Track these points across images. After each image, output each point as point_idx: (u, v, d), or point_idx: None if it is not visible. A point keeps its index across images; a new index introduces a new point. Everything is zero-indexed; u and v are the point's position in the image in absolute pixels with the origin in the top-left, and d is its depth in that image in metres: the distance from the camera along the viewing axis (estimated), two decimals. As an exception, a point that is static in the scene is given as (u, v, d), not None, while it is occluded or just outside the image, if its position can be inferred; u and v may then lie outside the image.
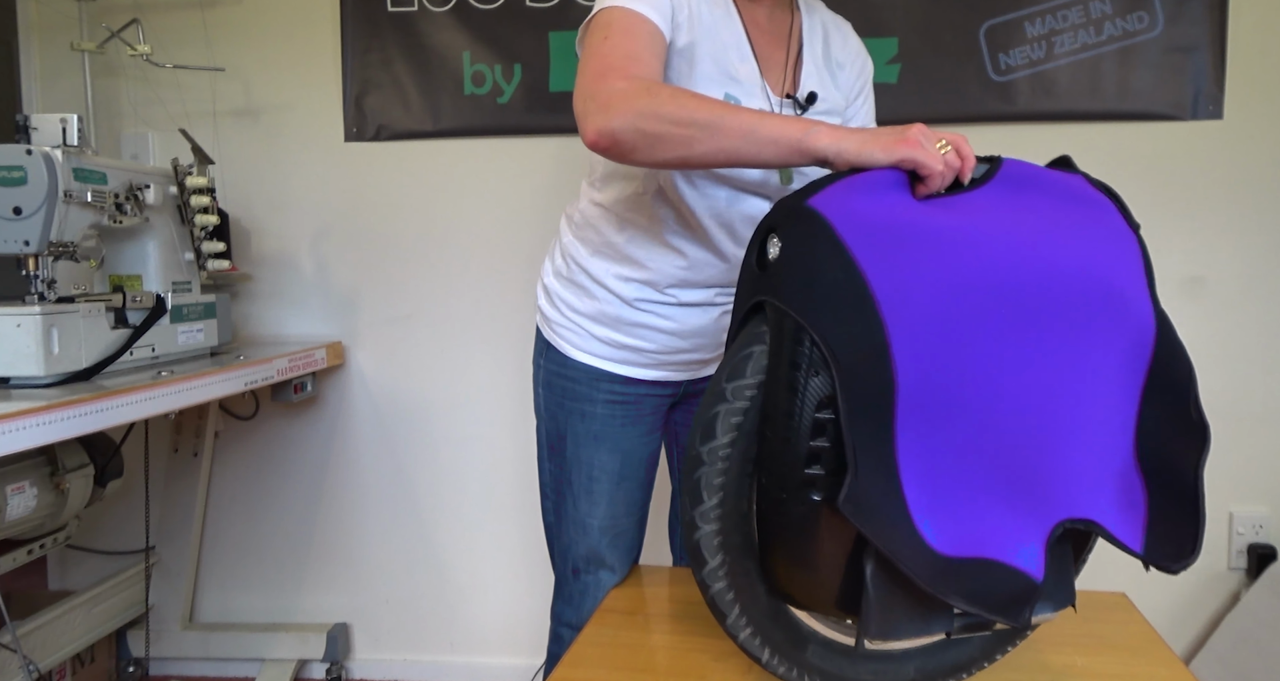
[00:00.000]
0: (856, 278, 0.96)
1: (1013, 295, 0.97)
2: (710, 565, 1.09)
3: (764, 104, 1.44)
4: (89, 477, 2.34)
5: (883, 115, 2.48)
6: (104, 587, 2.60)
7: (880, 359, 0.94)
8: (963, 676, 1.20)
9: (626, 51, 1.27)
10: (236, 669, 2.86)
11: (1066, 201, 1.09)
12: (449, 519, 2.83)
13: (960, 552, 0.95)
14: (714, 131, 1.16)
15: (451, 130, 2.68)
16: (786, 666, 1.13)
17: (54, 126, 1.95)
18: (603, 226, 1.58)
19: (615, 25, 1.30)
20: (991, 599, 0.95)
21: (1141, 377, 1.03)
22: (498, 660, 2.84)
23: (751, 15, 1.46)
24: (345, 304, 2.80)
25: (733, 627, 1.12)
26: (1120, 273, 1.03)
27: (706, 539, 1.08)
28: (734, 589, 1.10)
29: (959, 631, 1.02)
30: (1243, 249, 2.46)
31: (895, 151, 1.07)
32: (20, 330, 1.84)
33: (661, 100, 1.18)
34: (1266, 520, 2.50)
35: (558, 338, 1.63)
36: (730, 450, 1.05)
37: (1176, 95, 2.43)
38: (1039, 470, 0.97)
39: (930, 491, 0.95)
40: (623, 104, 1.19)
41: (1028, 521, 0.97)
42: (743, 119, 1.16)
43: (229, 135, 2.77)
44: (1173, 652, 1.30)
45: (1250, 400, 2.49)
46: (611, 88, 1.21)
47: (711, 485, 1.06)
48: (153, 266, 2.26)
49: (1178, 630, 2.57)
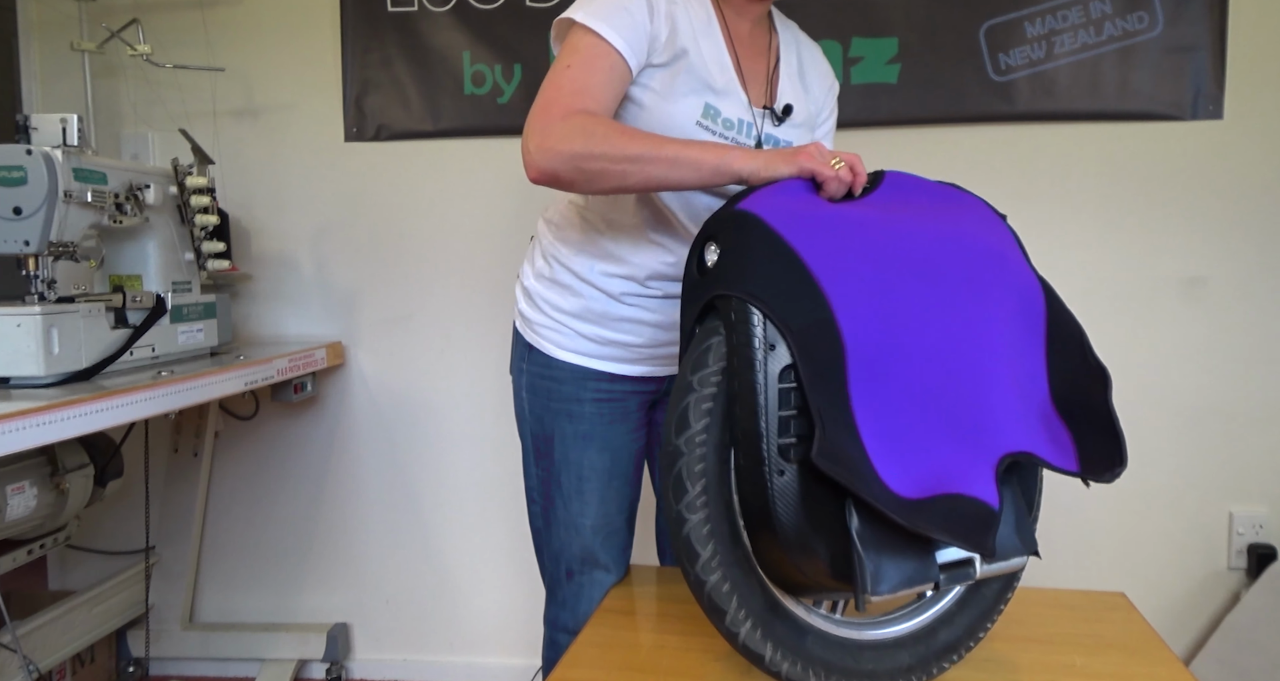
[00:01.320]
0: (794, 258, 1.08)
1: (919, 263, 1.12)
2: (703, 557, 1.10)
3: (743, 114, 1.48)
4: (89, 477, 2.34)
5: (883, 116, 2.50)
6: (104, 587, 2.61)
7: (828, 326, 1.05)
8: (954, 657, 1.20)
9: (579, 85, 1.35)
10: (236, 669, 2.87)
11: (943, 198, 1.27)
12: (449, 519, 2.83)
13: (922, 494, 1.03)
14: (645, 163, 1.28)
15: (452, 130, 2.68)
16: (790, 661, 1.12)
17: (54, 126, 1.95)
18: (585, 226, 1.60)
19: (580, 54, 1.37)
20: (960, 527, 1.01)
21: (1041, 334, 1.16)
22: (497, 660, 2.84)
23: (736, 30, 1.51)
24: (345, 304, 2.80)
25: (732, 624, 1.11)
26: (995, 244, 1.18)
27: (695, 529, 1.10)
28: (729, 580, 1.11)
29: (947, 580, 1.06)
30: (1242, 249, 2.46)
31: (796, 162, 1.24)
32: (20, 330, 1.84)
33: (596, 140, 1.29)
34: (1266, 520, 2.50)
35: (541, 339, 1.64)
36: (706, 436, 1.10)
37: (1176, 95, 2.43)
38: (975, 412, 1.08)
39: (886, 441, 1.04)
40: (562, 145, 1.30)
41: (975, 457, 1.06)
42: (669, 150, 1.28)
43: (229, 135, 2.77)
44: (1172, 652, 1.30)
45: (1249, 400, 2.49)
46: (553, 128, 1.31)
47: (693, 473, 1.10)
48: (153, 266, 2.26)
49: (1177, 630, 2.57)
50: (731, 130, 1.48)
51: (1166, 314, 2.50)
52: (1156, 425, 2.53)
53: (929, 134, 2.53)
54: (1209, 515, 2.54)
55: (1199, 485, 2.53)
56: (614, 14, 1.38)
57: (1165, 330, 2.50)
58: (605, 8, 1.38)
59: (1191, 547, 2.55)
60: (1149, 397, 2.52)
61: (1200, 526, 2.54)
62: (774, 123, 1.53)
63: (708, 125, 1.45)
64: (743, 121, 1.49)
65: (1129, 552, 2.57)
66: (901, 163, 2.52)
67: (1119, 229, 2.49)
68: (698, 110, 1.44)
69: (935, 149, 2.52)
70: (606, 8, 1.38)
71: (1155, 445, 2.53)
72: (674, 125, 1.43)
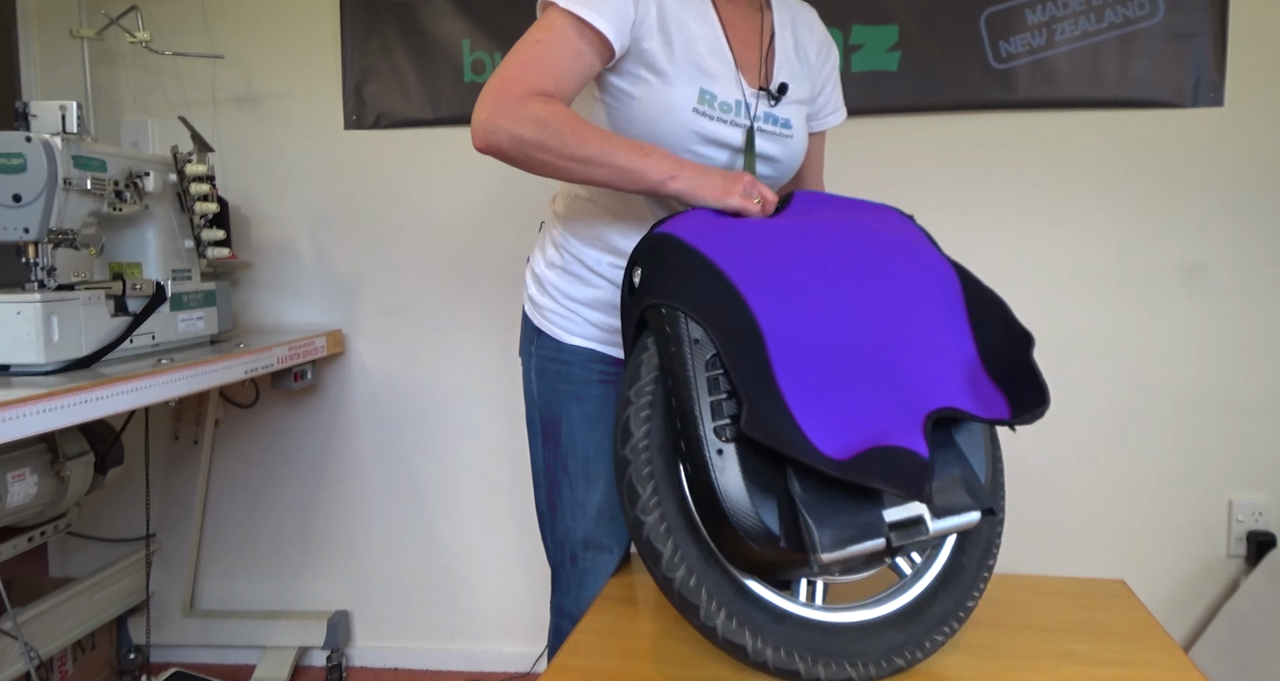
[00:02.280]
0: (708, 265, 1.18)
1: (829, 259, 1.21)
2: (665, 555, 1.12)
3: (740, 95, 1.49)
4: (89, 465, 2.34)
5: (883, 104, 2.49)
6: (105, 575, 2.61)
7: (745, 317, 1.13)
8: (945, 630, 1.19)
9: (545, 63, 1.36)
10: (237, 656, 2.87)
11: (848, 206, 1.37)
12: (449, 507, 2.83)
13: (853, 453, 1.07)
14: (593, 166, 1.33)
15: (452, 118, 2.67)
16: (774, 648, 1.12)
17: (53, 113, 1.95)
18: (591, 219, 1.61)
19: (551, 32, 1.37)
20: (892, 474, 1.05)
21: (962, 311, 1.23)
22: (497, 647, 2.84)
23: (727, 14, 1.51)
24: (345, 292, 2.80)
25: (706, 618, 1.11)
26: (901, 238, 1.27)
27: (653, 530, 1.12)
28: (694, 573, 1.12)
29: (898, 538, 1.07)
30: (1242, 237, 2.46)
31: (722, 201, 1.33)
32: (20, 317, 1.84)
33: (549, 133, 1.31)
34: (1266, 507, 2.51)
35: (550, 325, 1.67)
36: (649, 440, 1.15)
37: (1177, 82, 2.42)
38: (899, 380, 1.14)
39: (814, 412, 1.10)
40: (514, 127, 1.31)
41: (900, 415, 1.11)
42: (619, 157, 1.33)
43: (228, 123, 2.77)
44: (1171, 639, 1.30)
45: (1249, 387, 2.49)
46: (508, 106, 1.32)
47: (642, 477, 1.13)
48: (152, 254, 2.26)
49: (1177, 617, 2.58)
50: (729, 113, 1.48)
51: (1166, 302, 2.50)
52: (1156, 413, 2.53)
53: (929, 122, 2.52)
54: (1209, 502, 2.54)
55: (1199, 473, 2.53)
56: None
57: (1165, 318, 2.50)
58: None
59: (1191, 535, 2.55)
60: (1149, 385, 2.52)
61: (1200, 514, 2.54)
62: (770, 102, 1.53)
63: (704, 110, 1.46)
64: (739, 103, 1.49)
65: (1129, 540, 2.57)
66: (902, 150, 2.52)
67: (1119, 216, 2.49)
68: (694, 97, 1.44)
69: (935, 137, 2.52)
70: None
71: (1155, 433, 2.53)
72: (671, 113, 1.44)
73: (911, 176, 2.54)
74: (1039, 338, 2.50)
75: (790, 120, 1.56)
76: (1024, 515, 2.59)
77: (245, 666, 2.82)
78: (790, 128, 1.56)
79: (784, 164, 1.58)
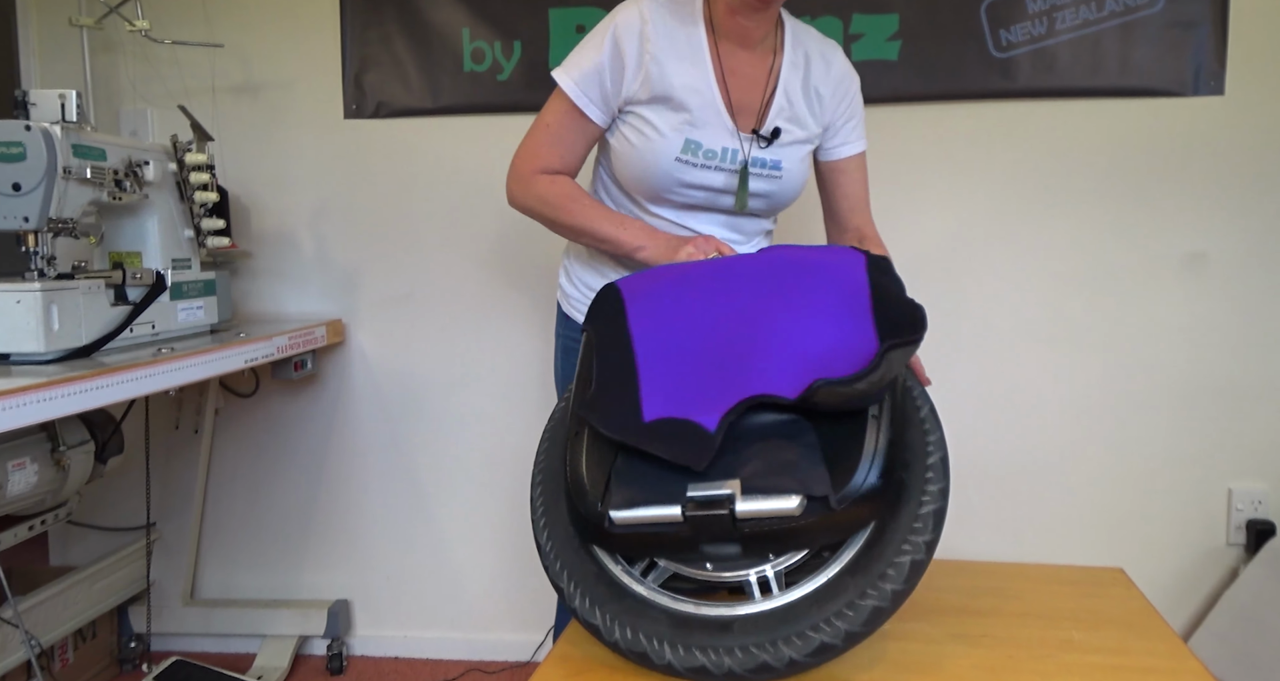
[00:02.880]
0: (618, 295, 1.39)
1: (732, 278, 1.37)
2: (545, 549, 1.26)
3: (729, 142, 1.68)
4: (90, 454, 2.34)
5: (883, 93, 2.49)
6: (105, 563, 2.62)
7: (622, 330, 1.34)
8: (818, 632, 1.11)
9: (553, 142, 1.71)
10: (238, 644, 2.88)
11: (809, 247, 1.44)
12: (449, 496, 2.84)
13: (660, 416, 1.22)
14: (580, 234, 1.71)
15: (451, 107, 2.67)
16: (623, 629, 1.16)
17: (53, 102, 1.95)
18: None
19: (556, 114, 1.71)
20: (675, 444, 1.17)
21: (867, 303, 1.28)
22: (497, 636, 2.85)
23: (731, 64, 1.68)
24: (345, 282, 2.80)
25: (570, 599, 1.21)
26: (832, 260, 1.35)
27: (539, 534, 1.28)
28: (561, 561, 1.23)
29: (693, 507, 1.12)
30: (1243, 225, 2.46)
31: (672, 261, 1.55)
32: (20, 306, 1.85)
33: (549, 208, 1.71)
34: (1265, 496, 2.51)
35: (574, 310, 1.86)
36: (546, 463, 1.36)
37: (1177, 71, 2.42)
38: (734, 374, 1.25)
39: (659, 397, 1.25)
40: (526, 201, 1.74)
41: (717, 399, 1.22)
42: (602, 229, 1.67)
43: (228, 112, 2.77)
44: (1170, 627, 1.30)
45: (1249, 377, 2.49)
46: (523, 182, 1.73)
47: (535, 496, 1.33)
48: (152, 243, 2.26)
49: (1176, 605, 2.58)
50: (714, 159, 1.68)
51: (1166, 290, 2.50)
52: (1156, 401, 2.53)
53: (929, 111, 2.52)
54: (1208, 491, 2.54)
55: (1198, 461, 2.54)
56: (587, 77, 1.66)
57: (1165, 306, 2.50)
58: (580, 70, 1.66)
59: (1190, 523, 2.56)
60: (1148, 374, 2.52)
61: (1199, 502, 2.55)
62: (761, 144, 1.70)
63: (687, 159, 1.66)
64: (727, 150, 1.68)
65: (1128, 528, 2.58)
66: (902, 140, 2.52)
67: (1119, 205, 2.49)
68: (677, 146, 1.65)
69: (936, 126, 2.52)
70: (581, 70, 1.66)
71: (1154, 421, 2.54)
72: (656, 160, 1.66)
73: (911, 166, 2.54)
74: (1037, 326, 2.52)
75: (781, 162, 1.72)
76: (1022, 504, 2.60)
77: (246, 655, 2.83)
78: (780, 169, 1.72)
79: (775, 198, 1.76)
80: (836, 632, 1.09)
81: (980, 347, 2.57)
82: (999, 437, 2.59)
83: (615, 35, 1.64)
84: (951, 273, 2.56)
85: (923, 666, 1.19)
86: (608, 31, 1.64)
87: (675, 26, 1.66)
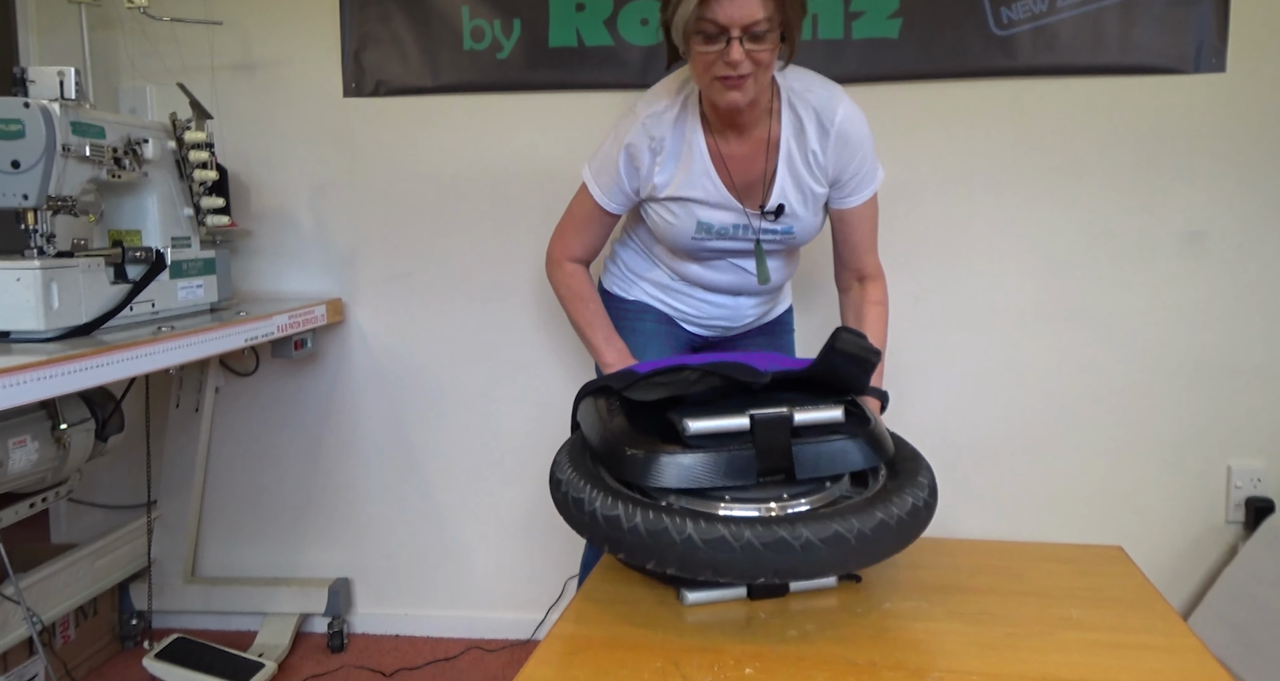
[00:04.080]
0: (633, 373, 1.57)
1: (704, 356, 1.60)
2: (562, 465, 1.40)
3: (739, 220, 1.88)
4: (90, 432, 2.35)
5: (884, 71, 2.49)
6: (106, 541, 2.62)
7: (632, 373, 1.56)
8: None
9: (579, 230, 1.99)
10: (239, 622, 2.89)
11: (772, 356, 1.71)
12: (449, 475, 2.84)
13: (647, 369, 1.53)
14: (577, 328, 2.02)
15: (450, 85, 2.66)
16: (645, 513, 1.22)
17: (51, 79, 1.94)
18: (644, 234, 2.07)
19: (583, 207, 1.96)
20: (739, 371, 1.42)
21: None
22: (498, 614, 2.86)
23: (729, 150, 1.84)
24: (345, 260, 2.79)
25: (589, 503, 1.28)
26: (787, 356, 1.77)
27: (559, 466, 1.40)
28: (580, 477, 1.34)
29: (761, 417, 1.30)
30: (1244, 203, 2.46)
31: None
32: (20, 284, 1.85)
33: (563, 301, 2.03)
34: (1264, 474, 2.52)
35: (615, 287, 2.13)
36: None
37: (1179, 48, 2.41)
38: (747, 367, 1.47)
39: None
40: (554, 286, 2.04)
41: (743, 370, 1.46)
42: (589, 336, 1.99)
43: (227, 89, 2.76)
44: (1169, 605, 1.31)
45: (1249, 354, 2.50)
46: (554, 266, 2.03)
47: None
48: (152, 221, 2.26)
49: (1174, 583, 2.59)
50: (726, 236, 1.89)
51: (1167, 268, 2.50)
52: (1155, 379, 2.53)
53: (930, 89, 2.51)
54: (1207, 469, 2.55)
55: (1197, 439, 2.54)
56: (604, 176, 1.90)
57: (1165, 285, 2.50)
58: (600, 172, 1.91)
59: (1189, 501, 2.56)
60: (1148, 352, 2.52)
61: (1198, 480, 2.55)
62: (770, 219, 1.88)
63: (702, 238, 1.89)
64: (738, 226, 1.88)
65: (1127, 506, 2.58)
66: (903, 118, 2.52)
67: (1120, 183, 2.48)
68: (691, 228, 1.88)
69: (936, 104, 2.51)
70: (601, 172, 1.91)
71: (1154, 399, 2.54)
72: (677, 237, 1.91)
73: (912, 144, 2.53)
74: (1037, 304, 2.52)
75: (792, 227, 1.90)
76: (1021, 482, 2.60)
77: (247, 632, 2.84)
78: (791, 232, 1.91)
79: (796, 244, 1.98)
80: (850, 526, 1.20)
81: (979, 326, 2.57)
82: (997, 416, 2.60)
83: (629, 154, 1.85)
84: (951, 251, 2.56)
85: (921, 644, 1.20)
86: (622, 150, 1.85)
87: (674, 135, 1.83)
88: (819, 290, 2.54)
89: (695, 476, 1.27)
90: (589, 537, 1.29)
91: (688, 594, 1.33)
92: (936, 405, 2.61)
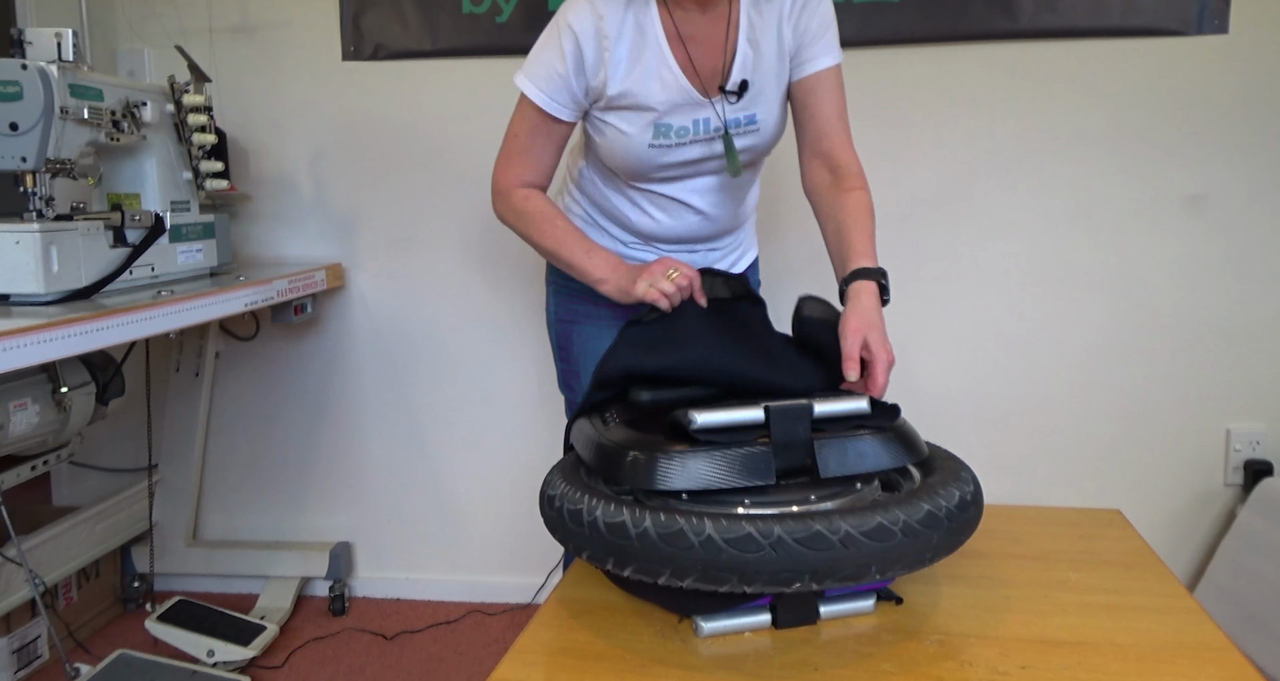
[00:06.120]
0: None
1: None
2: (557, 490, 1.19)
3: (699, 114, 1.67)
4: (90, 395, 2.35)
5: (885, 34, 2.47)
6: (108, 504, 2.63)
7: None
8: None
9: (523, 151, 1.72)
10: (240, 585, 2.90)
11: None
12: (449, 439, 2.85)
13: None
14: (548, 255, 1.75)
15: (450, 50, 2.65)
16: (653, 515, 1.05)
17: (49, 41, 1.93)
18: (590, 188, 1.88)
19: (523, 122, 1.71)
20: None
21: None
22: (498, 578, 2.88)
23: (689, 30, 1.65)
24: (345, 225, 2.79)
25: (588, 513, 1.10)
26: None
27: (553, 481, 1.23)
28: (575, 488, 1.16)
29: (776, 413, 1.15)
30: (1246, 165, 2.45)
31: (631, 294, 1.57)
32: (19, 247, 1.84)
33: (521, 225, 1.74)
34: (1263, 436, 2.52)
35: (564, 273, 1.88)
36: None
37: (1181, 10, 2.40)
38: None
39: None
40: (504, 215, 1.77)
41: None
42: (566, 255, 1.69)
43: (225, 52, 2.74)
44: (1166, 567, 1.31)
45: (1249, 316, 2.49)
46: (500, 195, 1.75)
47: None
48: (151, 185, 2.25)
49: (1173, 546, 2.61)
50: (686, 136, 1.68)
51: (1167, 230, 2.49)
52: (1156, 342, 2.53)
53: (931, 53, 2.50)
54: (1206, 432, 2.56)
55: (1196, 401, 2.55)
56: (553, 84, 1.65)
57: (1165, 247, 2.50)
58: (538, 72, 1.66)
59: (1188, 464, 2.57)
60: (1149, 314, 2.52)
61: (1197, 443, 2.56)
62: (732, 99, 1.68)
63: (659, 143, 1.67)
64: (698, 121, 1.68)
65: (1125, 469, 2.59)
66: (904, 83, 2.50)
67: (1121, 145, 2.48)
68: (647, 135, 1.66)
69: (937, 67, 2.50)
70: (539, 72, 1.65)
71: (1154, 362, 2.54)
72: (630, 152, 1.69)
73: (913, 108, 2.52)
74: (1037, 267, 2.52)
75: (756, 115, 1.70)
76: (1020, 446, 2.61)
77: (249, 595, 2.85)
78: (756, 122, 1.70)
79: (757, 150, 1.76)
80: (894, 518, 1.04)
81: (980, 289, 2.57)
82: (997, 379, 2.60)
83: (575, 37, 1.61)
84: (952, 214, 2.55)
85: (919, 607, 1.20)
86: (565, 33, 1.62)
87: (627, 14, 1.62)
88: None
89: (706, 477, 1.10)
90: (589, 555, 1.10)
91: (703, 624, 1.13)
92: (936, 369, 2.61)
